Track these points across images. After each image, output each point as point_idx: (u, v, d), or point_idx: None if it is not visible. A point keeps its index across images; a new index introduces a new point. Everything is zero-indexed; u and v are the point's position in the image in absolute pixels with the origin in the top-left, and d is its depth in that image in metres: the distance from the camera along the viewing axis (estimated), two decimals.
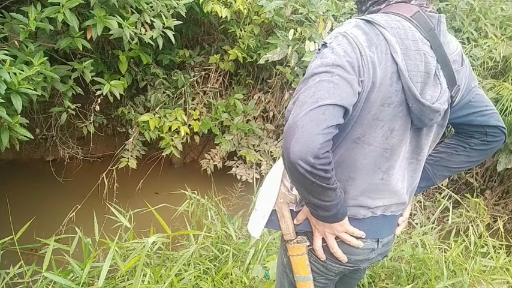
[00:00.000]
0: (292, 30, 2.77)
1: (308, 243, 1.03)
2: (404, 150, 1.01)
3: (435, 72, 0.94)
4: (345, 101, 0.84)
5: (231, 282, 1.92)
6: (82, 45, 2.31)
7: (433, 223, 2.62)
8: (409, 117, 0.95)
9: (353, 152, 0.95)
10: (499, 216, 3.18)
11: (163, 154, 3.22)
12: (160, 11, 2.58)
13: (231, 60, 3.18)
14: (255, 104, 3.41)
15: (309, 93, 0.85)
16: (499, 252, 2.36)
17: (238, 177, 3.27)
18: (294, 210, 1.05)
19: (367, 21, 0.91)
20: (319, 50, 0.91)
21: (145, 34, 2.53)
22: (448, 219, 2.53)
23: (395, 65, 0.89)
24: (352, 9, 2.97)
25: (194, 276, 1.88)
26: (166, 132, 3.12)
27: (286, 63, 2.97)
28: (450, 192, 2.88)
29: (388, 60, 0.89)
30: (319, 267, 1.06)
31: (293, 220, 1.06)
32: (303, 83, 0.88)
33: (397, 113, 0.92)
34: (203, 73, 3.36)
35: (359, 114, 0.91)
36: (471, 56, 3.05)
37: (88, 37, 2.31)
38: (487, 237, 2.44)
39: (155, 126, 3.07)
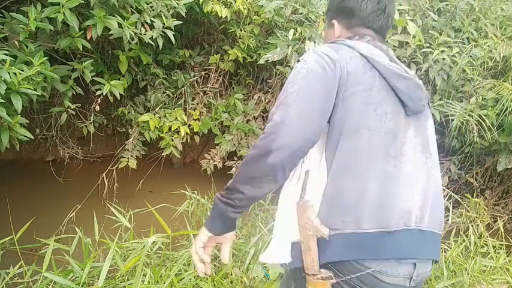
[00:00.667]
0: (292, 30, 2.77)
1: (334, 280, 0.95)
2: (410, 139, 1.04)
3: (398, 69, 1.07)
4: (323, 103, 0.97)
5: (231, 282, 1.92)
6: (82, 45, 2.31)
7: None
8: (398, 101, 1.03)
9: (356, 142, 0.98)
10: (499, 216, 3.17)
11: (163, 154, 3.22)
12: (160, 11, 2.58)
13: (231, 60, 3.18)
14: (255, 104, 3.41)
15: (291, 97, 0.95)
16: (499, 252, 2.36)
17: None
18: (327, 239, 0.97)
19: (331, 43, 1.11)
20: (294, 66, 1.04)
21: (145, 34, 2.53)
22: (448, 219, 2.53)
23: (363, 58, 1.03)
24: None
25: (194, 276, 1.87)
26: (166, 132, 3.12)
27: (286, 63, 2.97)
28: (450, 192, 2.88)
29: (356, 57, 1.03)
30: None
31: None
32: (283, 91, 0.99)
33: (384, 96, 1.01)
34: (203, 73, 3.36)
35: (348, 104, 0.99)
36: (471, 56, 3.05)
37: (88, 37, 2.31)
38: (487, 237, 2.44)
39: (155, 126, 3.07)
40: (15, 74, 1.91)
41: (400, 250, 0.96)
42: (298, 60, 1.04)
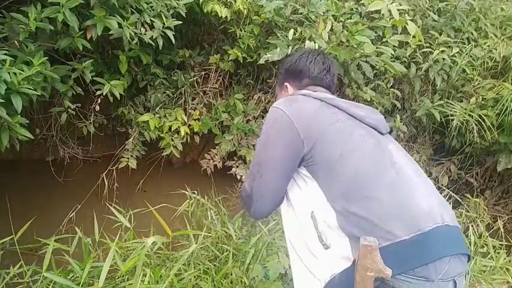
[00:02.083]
0: (292, 30, 2.77)
1: None
2: (394, 150, 1.09)
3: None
4: (289, 160, 1.11)
5: (231, 282, 1.92)
6: (82, 45, 2.31)
7: None
8: (367, 126, 1.13)
9: (349, 165, 1.03)
10: (499, 216, 3.17)
11: (163, 154, 3.22)
12: (160, 11, 2.58)
13: (231, 60, 3.18)
14: (255, 104, 3.40)
15: (256, 167, 1.15)
16: (499, 252, 2.36)
17: (238, 177, 3.26)
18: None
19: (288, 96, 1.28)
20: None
21: (145, 34, 2.53)
22: None
23: (318, 101, 1.15)
24: (352, 9, 2.97)
25: (194, 276, 1.88)
26: (166, 132, 3.11)
27: None
28: (450, 192, 2.88)
29: (309, 101, 1.16)
30: None
31: None
32: (258, 148, 1.19)
33: (351, 124, 1.11)
34: (203, 73, 3.35)
35: (323, 141, 1.07)
36: (471, 56, 3.05)
37: (88, 37, 2.31)
38: (487, 237, 2.44)
39: (155, 126, 3.07)
40: (15, 74, 1.91)
41: (437, 250, 0.95)
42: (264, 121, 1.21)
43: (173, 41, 2.66)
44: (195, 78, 3.29)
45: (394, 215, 0.95)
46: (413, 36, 2.79)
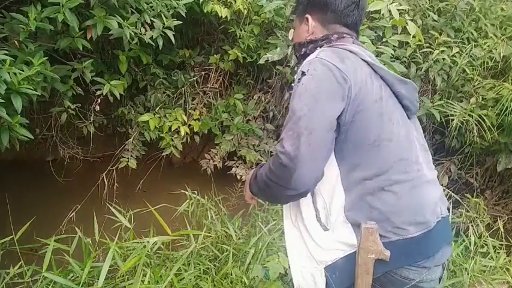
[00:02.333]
0: (292, 30, 2.76)
1: None
2: (416, 141, 1.08)
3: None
4: (333, 115, 0.95)
5: (231, 282, 1.92)
6: (82, 45, 2.31)
7: None
8: (401, 106, 1.06)
9: (380, 155, 0.99)
10: (499, 216, 3.17)
11: (163, 154, 3.22)
12: (160, 11, 2.58)
13: (231, 60, 3.18)
14: (255, 104, 3.40)
15: (302, 123, 0.93)
16: (499, 252, 2.36)
17: (238, 177, 3.27)
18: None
19: (330, 46, 1.06)
20: (299, 80, 0.98)
21: (145, 34, 2.52)
22: None
23: (368, 67, 1.02)
24: None
25: (194, 276, 1.88)
26: (166, 132, 3.11)
27: (286, 63, 2.97)
28: (450, 192, 2.88)
29: (361, 65, 1.01)
30: None
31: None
32: (292, 111, 0.96)
33: (392, 105, 1.03)
34: (203, 73, 3.35)
35: (363, 118, 0.97)
36: (471, 56, 3.05)
37: (88, 37, 2.31)
38: (487, 237, 2.44)
39: (155, 126, 3.07)
40: (15, 74, 1.91)
41: (437, 243, 1.03)
42: (303, 73, 0.97)
43: (173, 41, 2.66)
44: (195, 78, 3.29)
45: (408, 212, 0.98)
46: (413, 36, 2.79)
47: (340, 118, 0.95)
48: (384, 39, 2.74)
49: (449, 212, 1.23)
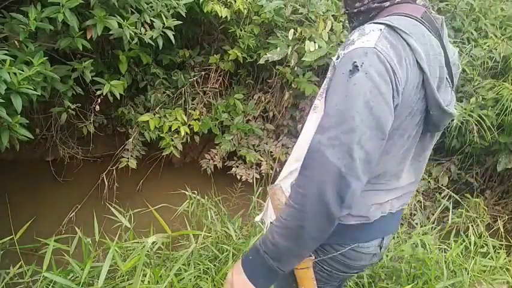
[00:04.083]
0: (292, 30, 2.77)
1: (313, 257, 0.96)
2: (413, 152, 1.00)
3: (446, 77, 0.92)
4: (386, 129, 0.81)
5: None
6: (82, 45, 2.31)
7: (433, 223, 2.62)
8: (422, 123, 0.92)
9: (387, 159, 0.92)
10: (499, 216, 3.17)
11: (163, 154, 3.22)
12: (160, 11, 2.58)
13: (231, 60, 3.18)
14: (255, 104, 3.40)
15: (355, 137, 0.77)
16: (499, 252, 2.36)
17: (238, 177, 3.27)
18: None
19: (391, 28, 0.83)
20: (350, 71, 0.79)
21: (145, 34, 2.53)
22: (448, 219, 2.53)
23: (421, 74, 0.84)
24: None
25: (194, 276, 1.88)
26: (166, 132, 3.11)
27: (286, 63, 2.97)
28: (450, 192, 2.88)
29: (415, 70, 0.84)
30: (324, 275, 1.05)
31: None
32: (340, 119, 0.78)
33: (417, 121, 0.90)
34: (203, 73, 3.35)
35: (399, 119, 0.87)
36: (471, 56, 3.05)
37: (88, 37, 2.31)
38: (487, 237, 2.44)
39: (155, 126, 3.07)
40: (15, 74, 1.91)
41: (376, 233, 1.03)
42: (355, 66, 0.79)
43: (173, 41, 2.66)
44: (195, 78, 3.30)
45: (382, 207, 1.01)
46: None
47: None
48: None
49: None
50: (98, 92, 2.70)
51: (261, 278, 0.86)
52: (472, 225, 2.49)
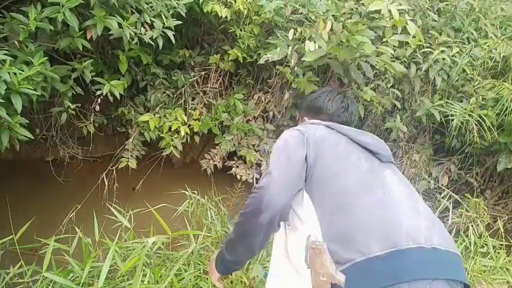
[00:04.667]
0: (292, 30, 2.77)
1: None
2: (389, 176, 1.13)
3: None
4: (300, 162, 1.13)
5: (231, 282, 1.92)
6: (82, 45, 2.31)
7: None
8: (368, 152, 1.18)
9: (339, 183, 1.09)
10: (499, 216, 3.17)
11: (163, 154, 3.22)
12: (160, 11, 2.58)
13: (231, 60, 3.18)
14: (255, 104, 3.40)
15: (278, 160, 1.15)
16: (499, 252, 2.36)
17: (238, 177, 3.26)
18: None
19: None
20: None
21: (145, 34, 2.52)
22: (448, 219, 2.53)
23: (327, 128, 1.26)
24: (352, 9, 2.97)
25: (194, 276, 1.88)
26: (166, 132, 3.11)
27: (286, 63, 2.97)
28: (450, 192, 2.88)
29: (321, 128, 1.26)
30: None
31: None
32: (273, 156, 1.18)
33: (352, 148, 1.18)
34: (203, 73, 3.35)
35: (323, 159, 1.13)
36: (471, 56, 3.05)
37: (88, 37, 2.31)
38: (487, 237, 2.45)
39: (155, 126, 3.07)
40: (15, 74, 1.91)
41: (416, 270, 0.89)
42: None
43: (173, 41, 2.66)
44: (195, 78, 3.29)
45: (372, 231, 0.95)
46: (413, 36, 2.79)
47: (306, 160, 1.13)
48: (384, 39, 2.74)
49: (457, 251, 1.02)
50: (98, 92, 2.70)
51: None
52: (472, 225, 2.49)
